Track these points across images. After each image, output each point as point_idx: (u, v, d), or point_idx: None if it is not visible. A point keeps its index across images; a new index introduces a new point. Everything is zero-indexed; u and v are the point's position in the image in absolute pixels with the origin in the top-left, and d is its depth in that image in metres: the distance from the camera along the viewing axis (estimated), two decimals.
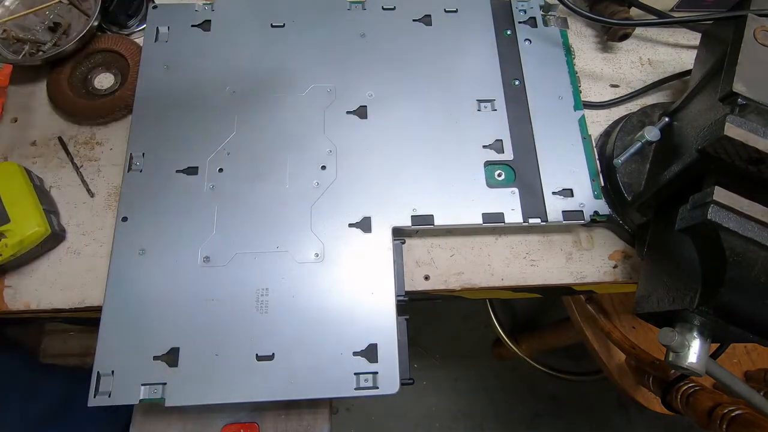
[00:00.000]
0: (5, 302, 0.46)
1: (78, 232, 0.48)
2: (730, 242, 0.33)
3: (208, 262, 0.44)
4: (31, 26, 0.54)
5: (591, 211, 0.47)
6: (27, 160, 0.51)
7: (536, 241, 0.50)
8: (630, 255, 0.50)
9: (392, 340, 0.42)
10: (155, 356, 0.41)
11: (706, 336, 0.37)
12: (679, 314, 0.38)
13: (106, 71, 0.54)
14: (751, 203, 0.33)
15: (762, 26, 0.39)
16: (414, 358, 1.27)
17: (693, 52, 0.55)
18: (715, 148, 0.35)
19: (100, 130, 0.52)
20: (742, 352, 0.77)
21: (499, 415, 1.24)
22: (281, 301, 0.43)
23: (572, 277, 0.49)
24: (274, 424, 0.46)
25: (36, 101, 0.53)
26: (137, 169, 0.48)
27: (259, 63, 0.52)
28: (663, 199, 0.43)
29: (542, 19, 0.55)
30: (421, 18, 0.55)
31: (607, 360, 0.78)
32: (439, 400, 1.25)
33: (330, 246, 0.45)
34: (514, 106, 0.51)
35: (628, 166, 0.48)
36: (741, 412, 0.50)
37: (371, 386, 0.41)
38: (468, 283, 0.48)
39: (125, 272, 0.44)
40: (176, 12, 0.54)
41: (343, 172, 0.48)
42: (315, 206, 0.47)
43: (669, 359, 0.37)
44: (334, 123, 0.50)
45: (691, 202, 0.36)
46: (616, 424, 1.24)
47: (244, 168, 0.48)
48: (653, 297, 0.41)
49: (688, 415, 0.57)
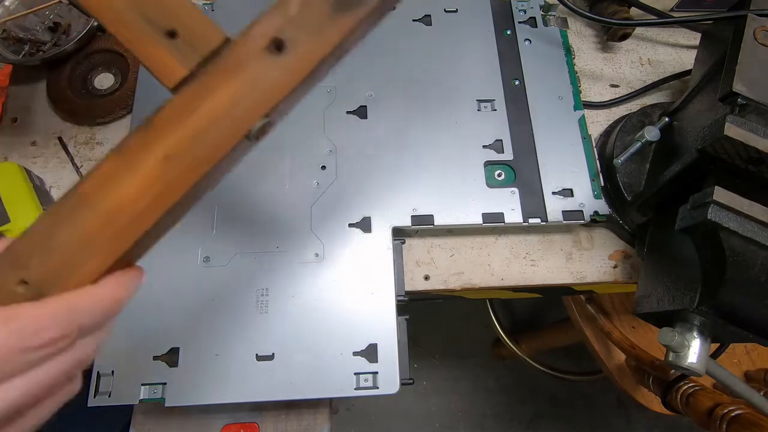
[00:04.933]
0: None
1: None
2: (730, 242, 0.33)
3: (208, 262, 0.44)
4: (31, 26, 0.54)
5: (591, 211, 0.47)
6: (27, 160, 0.51)
7: (536, 241, 0.50)
8: (630, 255, 0.50)
9: (392, 340, 0.42)
10: (155, 356, 0.41)
11: (706, 336, 0.37)
12: (679, 314, 0.38)
13: (106, 71, 0.54)
14: (751, 203, 0.33)
15: (762, 26, 0.39)
16: (414, 358, 1.27)
17: (693, 52, 0.55)
18: (715, 148, 0.35)
19: (100, 130, 0.52)
20: (742, 352, 0.77)
21: (499, 415, 1.24)
22: (281, 301, 0.43)
23: (572, 277, 0.49)
24: (274, 424, 0.46)
25: (36, 101, 0.53)
26: None
27: None
28: (663, 199, 0.43)
29: (542, 19, 0.55)
30: (421, 18, 0.55)
31: (607, 360, 0.78)
32: (439, 400, 1.25)
33: (330, 246, 0.45)
34: (514, 106, 0.51)
35: (628, 166, 0.48)
36: (741, 412, 0.50)
37: (371, 386, 0.41)
38: (468, 283, 0.48)
39: None
40: None
41: (343, 172, 0.48)
42: (315, 206, 0.47)
43: (669, 359, 0.37)
44: (334, 123, 0.50)
45: (691, 202, 0.36)
46: (616, 424, 1.24)
47: (245, 168, 0.48)
48: (653, 297, 0.41)
49: (688, 415, 0.57)
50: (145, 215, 0.24)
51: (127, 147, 0.24)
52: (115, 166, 0.24)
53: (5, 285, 0.23)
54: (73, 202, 0.24)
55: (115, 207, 0.23)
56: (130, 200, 0.23)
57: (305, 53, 0.25)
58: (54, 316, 0.22)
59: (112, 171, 0.24)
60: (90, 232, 0.23)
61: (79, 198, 0.24)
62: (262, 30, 0.25)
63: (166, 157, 0.24)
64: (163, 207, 0.24)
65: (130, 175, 0.24)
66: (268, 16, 0.25)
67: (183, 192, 0.24)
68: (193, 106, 0.25)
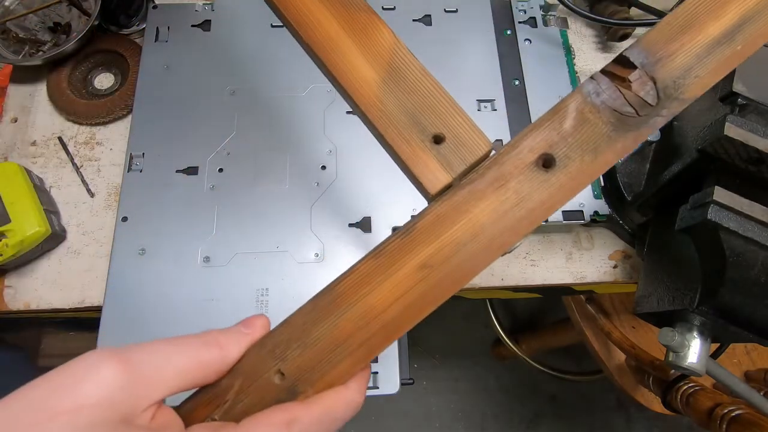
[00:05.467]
0: (5, 302, 0.46)
1: (78, 232, 0.48)
2: (730, 242, 0.33)
3: (208, 262, 0.44)
4: (31, 26, 0.54)
5: (591, 211, 0.47)
6: (27, 160, 0.51)
7: (536, 241, 0.50)
8: (630, 255, 0.50)
9: None
10: None
11: (706, 336, 0.37)
12: (679, 314, 0.38)
13: (106, 71, 0.54)
14: (751, 203, 0.33)
15: None
16: (414, 358, 1.27)
17: None
18: (715, 148, 0.35)
19: (100, 130, 0.52)
20: (742, 352, 0.77)
21: (499, 415, 1.24)
22: (281, 301, 0.43)
23: (572, 277, 0.49)
24: None
25: (36, 101, 0.53)
26: (137, 169, 0.48)
27: (259, 63, 0.52)
28: (663, 199, 0.43)
29: (542, 19, 0.55)
30: (421, 18, 0.55)
31: (607, 360, 0.78)
32: (439, 400, 1.25)
33: (330, 246, 0.45)
34: (514, 106, 0.51)
35: (628, 166, 0.48)
36: (741, 412, 0.50)
37: (371, 386, 0.41)
38: (468, 283, 0.48)
39: (125, 272, 0.44)
40: (176, 12, 0.54)
41: (343, 172, 0.48)
42: (315, 206, 0.47)
43: (669, 359, 0.37)
44: (334, 123, 0.50)
45: (691, 202, 0.36)
46: (616, 424, 1.24)
47: (244, 168, 0.48)
48: (653, 297, 0.41)
49: (688, 415, 0.57)
50: (396, 324, 0.24)
51: (386, 251, 0.24)
52: (373, 269, 0.24)
53: (265, 372, 0.23)
54: (330, 298, 0.24)
55: (369, 311, 0.24)
56: (384, 306, 0.24)
57: (577, 172, 0.24)
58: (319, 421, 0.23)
59: (370, 274, 0.24)
60: (344, 333, 0.24)
61: (336, 296, 0.24)
62: (532, 144, 0.24)
63: (422, 266, 0.24)
64: (413, 318, 0.24)
65: (386, 280, 0.24)
66: (540, 131, 0.24)
67: (432, 306, 0.24)
68: (454, 217, 0.24)
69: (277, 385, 0.23)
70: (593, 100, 0.25)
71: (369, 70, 0.27)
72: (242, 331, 0.24)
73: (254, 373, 0.23)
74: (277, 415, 0.22)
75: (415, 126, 0.25)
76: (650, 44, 0.25)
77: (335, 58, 0.28)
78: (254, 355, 0.24)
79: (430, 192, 0.25)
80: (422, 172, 0.25)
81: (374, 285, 0.24)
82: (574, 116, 0.24)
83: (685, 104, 0.24)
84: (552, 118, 0.25)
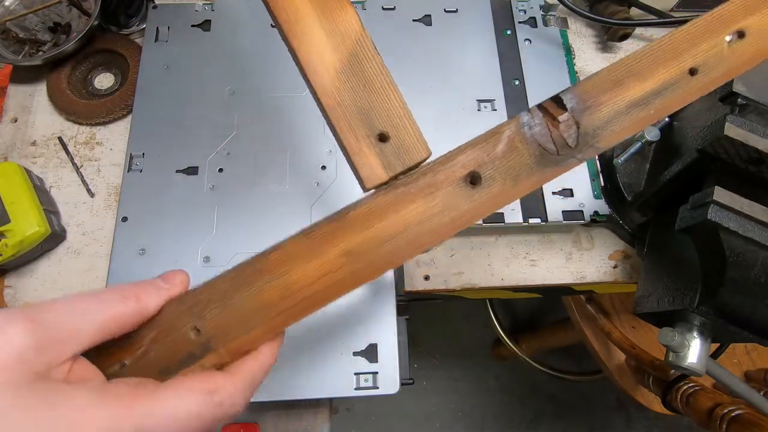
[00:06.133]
0: (5, 302, 0.46)
1: (78, 232, 0.48)
2: (730, 242, 0.33)
3: (208, 262, 0.44)
4: (31, 26, 0.54)
5: (591, 211, 0.47)
6: (27, 160, 0.51)
7: (536, 241, 0.50)
8: (630, 255, 0.50)
9: (392, 340, 0.42)
10: None
11: (706, 336, 0.37)
12: (679, 314, 0.38)
13: (106, 71, 0.54)
14: (751, 203, 0.33)
15: None
16: (414, 358, 1.27)
17: None
18: (715, 148, 0.35)
19: (100, 130, 0.52)
20: (742, 352, 0.78)
21: (499, 415, 1.24)
22: None
23: (572, 276, 0.49)
24: (274, 424, 0.46)
25: (36, 101, 0.53)
26: (137, 169, 0.48)
27: (259, 63, 0.52)
28: (663, 199, 0.43)
29: (542, 19, 0.55)
30: (421, 18, 0.55)
31: (607, 360, 0.78)
32: (439, 400, 1.25)
33: None
34: (514, 106, 0.51)
35: (628, 166, 0.48)
36: (741, 412, 0.50)
37: (371, 386, 0.41)
38: (468, 283, 0.48)
39: (125, 272, 0.44)
40: (176, 12, 0.54)
41: (343, 172, 0.48)
42: (315, 206, 0.47)
43: (669, 359, 0.37)
44: None
45: (691, 202, 0.36)
46: (616, 424, 1.24)
47: (244, 168, 0.48)
48: (653, 297, 0.41)
49: (688, 415, 0.57)
50: (316, 299, 0.25)
51: (316, 232, 0.26)
52: (302, 247, 0.26)
53: (181, 327, 0.24)
54: (257, 268, 0.25)
55: (293, 284, 0.25)
56: (307, 282, 0.25)
57: (497, 194, 0.26)
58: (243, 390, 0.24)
59: (298, 251, 0.25)
60: (266, 301, 0.25)
61: (262, 266, 0.25)
62: (465, 160, 0.26)
63: (348, 252, 0.25)
64: (332, 296, 0.25)
65: (312, 260, 0.25)
66: (475, 149, 0.27)
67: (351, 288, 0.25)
68: (384, 213, 0.26)
69: (192, 340, 0.24)
70: (525, 132, 0.27)
71: (330, 54, 0.28)
72: (161, 285, 0.25)
73: (171, 327, 0.24)
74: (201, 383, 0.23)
75: (364, 121, 0.27)
76: (584, 92, 0.27)
77: (300, 30, 0.28)
78: (172, 310, 0.25)
79: (367, 186, 0.27)
80: (363, 166, 0.27)
81: (302, 262, 0.25)
82: (506, 143, 0.27)
83: (597, 152, 0.27)
84: (488, 140, 0.27)
